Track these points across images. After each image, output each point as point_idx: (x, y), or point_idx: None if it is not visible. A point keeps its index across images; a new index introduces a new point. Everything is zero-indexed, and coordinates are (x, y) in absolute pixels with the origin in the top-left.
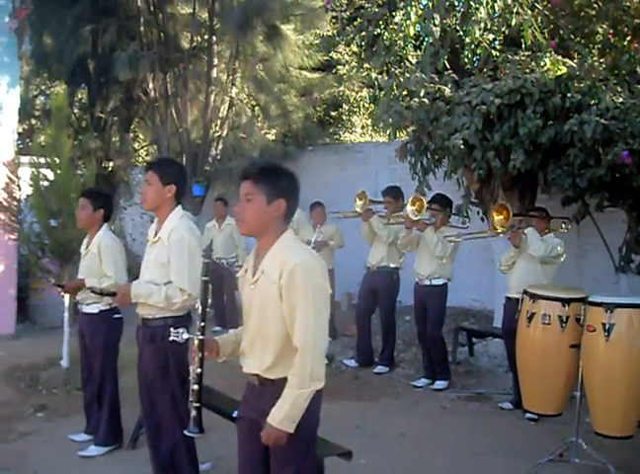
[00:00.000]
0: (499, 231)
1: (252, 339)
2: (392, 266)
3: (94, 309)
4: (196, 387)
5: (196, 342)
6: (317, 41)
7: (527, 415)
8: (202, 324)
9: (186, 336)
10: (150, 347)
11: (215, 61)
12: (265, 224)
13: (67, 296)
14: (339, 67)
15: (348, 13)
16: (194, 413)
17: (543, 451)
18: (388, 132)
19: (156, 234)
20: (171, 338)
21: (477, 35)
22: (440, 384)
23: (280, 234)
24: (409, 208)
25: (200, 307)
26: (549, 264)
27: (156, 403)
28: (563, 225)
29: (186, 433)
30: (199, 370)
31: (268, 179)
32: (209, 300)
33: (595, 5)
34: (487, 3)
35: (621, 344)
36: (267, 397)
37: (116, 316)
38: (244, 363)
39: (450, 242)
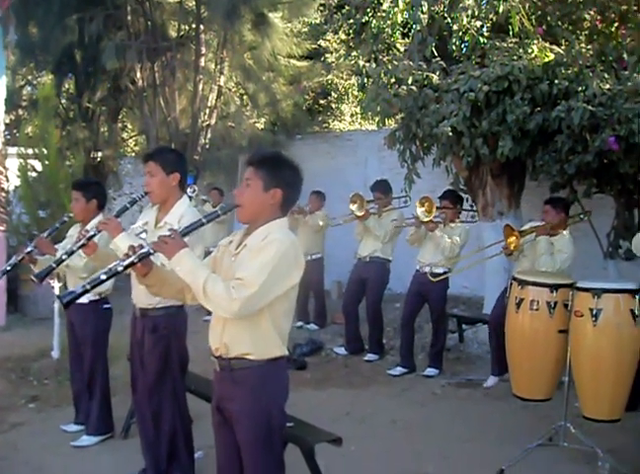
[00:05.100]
0: (512, 249)
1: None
2: (384, 257)
3: (83, 299)
4: (103, 277)
5: (143, 249)
6: (305, 29)
7: None
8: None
9: (143, 236)
10: (152, 337)
11: (203, 50)
12: (259, 211)
13: (57, 287)
14: (327, 55)
15: (335, 1)
16: (84, 289)
17: (532, 436)
18: (377, 120)
19: (158, 221)
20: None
21: (465, 22)
22: (430, 371)
23: (274, 219)
24: (419, 210)
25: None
26: None
27: (156, 392)
28: (581, 217)
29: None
30: (120, 268)
31: (268, 167)
32: None
33: None
34: None
35: (609, 329)
36: (226, 382)
37: (105, 306)
38: (210, 337)
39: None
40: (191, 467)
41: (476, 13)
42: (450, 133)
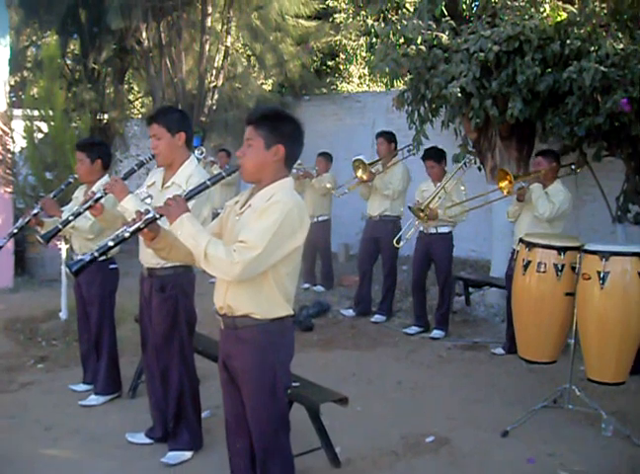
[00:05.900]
0: (505, 194)
1: None
2: (394, 214)
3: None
4: (111, 244)
5: (149, 214)
6: None
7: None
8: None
9: (148, 201)
10: (160, 296)
11: (210, 10)
12: (263, 169)
13: (64, 249)
14: (335, 15)
15: None
16: (92, 257)
17: (537, 398)
18: (385, 81)
19: (165, 181)
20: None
21: None
22: (437, 333)
23: (279, 179)
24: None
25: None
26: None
27: (164, 352)
28: (572, 167)
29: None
30: (126, 234)
31: (268, 124)
32: None
33: None
34: None
35: (616, 292)
36: (231, 340)
37: (111, 266)
38: (215, 296)
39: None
40: (198, 426)
41: None
42: (459, 94)
